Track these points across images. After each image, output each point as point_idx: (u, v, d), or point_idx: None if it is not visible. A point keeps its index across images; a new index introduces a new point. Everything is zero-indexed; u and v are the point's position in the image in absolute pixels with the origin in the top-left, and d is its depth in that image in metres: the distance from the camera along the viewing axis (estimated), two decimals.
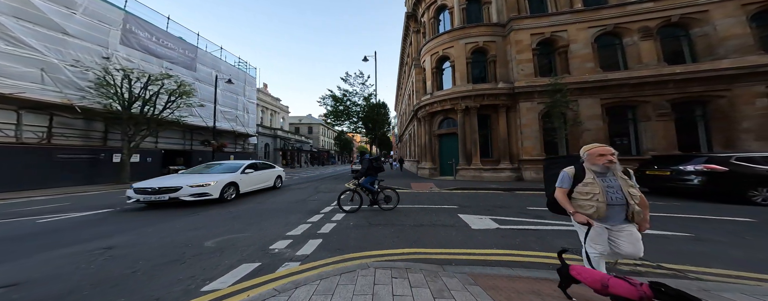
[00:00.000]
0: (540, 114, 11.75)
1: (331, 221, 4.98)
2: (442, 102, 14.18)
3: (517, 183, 10.80)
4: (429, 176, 14.78)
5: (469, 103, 13.07)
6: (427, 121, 15.60)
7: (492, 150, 13.21)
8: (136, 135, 11.74)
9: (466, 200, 7.55)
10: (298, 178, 16.09)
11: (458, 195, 8.48)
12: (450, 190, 9.82)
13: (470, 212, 5.86)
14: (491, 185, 10.45)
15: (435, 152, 15.38)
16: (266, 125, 33.81)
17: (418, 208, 6.44)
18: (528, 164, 11.77)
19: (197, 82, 16.61)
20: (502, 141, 12.61)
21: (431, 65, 15.81)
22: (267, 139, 31.37)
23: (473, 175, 12.56)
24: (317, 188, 10.83)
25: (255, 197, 8.43)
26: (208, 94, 16.34)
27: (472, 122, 13.12)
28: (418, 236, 4.06)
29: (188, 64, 15.92)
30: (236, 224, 4.82)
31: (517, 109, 12.38)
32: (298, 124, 52.92)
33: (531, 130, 11.83)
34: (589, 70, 11.60)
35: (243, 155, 22.05)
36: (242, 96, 22.21)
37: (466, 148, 13.28)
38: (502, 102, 12.62)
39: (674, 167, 6.91)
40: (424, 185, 10.86)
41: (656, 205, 6.27)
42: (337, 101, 15.98)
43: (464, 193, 8.94)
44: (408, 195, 8.60)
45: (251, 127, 23.26)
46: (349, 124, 17.70)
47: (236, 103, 21.12)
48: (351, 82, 16.03)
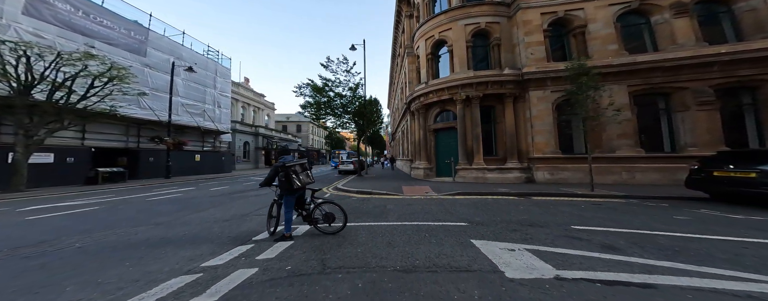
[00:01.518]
0: (554, 104, 9.84)
1: (254, 261, 2.80)
2: (439, 92, 12.16)
3: (531, 186, 8.83)
4: (424, 178, 12.71)
5: (470, 93, 11.08)
6: (421, 114, 13.54)
7: (496, 147, 11.25)
8: (40, 128, 9.14)
9: (476, 211, 5.48)
10: None
11: (463, 203, 6.42)
12: (451, 195, 7.76)
13: (489, 235, 3.78)
14: (499, 188, 8.44)
15: (430, 149, 13.33)
16: (248, 122, 31.18)
17: (409, 226, 4.33)
18: (541, 162, 9.82)
19: (148, 69, 14.08)
20: (509, 136, 10.65)
21: (426, 51, 13.79)
22: (247, 137, 28.78)
23: (475, 176, 10.55)
24: None
25: (179, 212, 6.15)
26: (163, 84, 13.85)
27: (474, 115, 11.13)
28: None
29: (135, 47, 13.39)
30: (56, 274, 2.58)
31: (527, 99, 10.46)
32: (286, 122, 50.30)
33: (543, 123, 9.90)
34: (612, 53, 9.77)
35: (212, 154, 19.48)
36: (212, 88, 19.69)
37: (466, 145, 11.27)
38: (508, 91, 10.67)
39: (762, 168, 5.01)
40: (418, 189, 8.78)
41: (734, 220, 4.34)
42: (317, 92, 13.62)
43: (470, 200, 6.89)
44: (398, 203, 6.48)
45: (224, 124, 20.74)
46: (335, 119, 15.39)
47: (204, 95, 18.60)
48: (333, 69, 13.75)
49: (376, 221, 4.81)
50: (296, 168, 3.52)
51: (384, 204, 6.51)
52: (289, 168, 3.43)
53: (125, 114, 12.32)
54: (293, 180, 3.41)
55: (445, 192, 8.11)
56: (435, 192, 8.30)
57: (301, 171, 3.58)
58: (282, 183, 3.52)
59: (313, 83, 13.70)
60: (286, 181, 3.44)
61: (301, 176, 3.55)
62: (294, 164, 3.52)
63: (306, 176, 3.67)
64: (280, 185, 3.59)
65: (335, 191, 9.29)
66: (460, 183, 10.31)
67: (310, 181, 3.74)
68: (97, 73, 9.56)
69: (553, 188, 8.33)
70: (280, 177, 3.52)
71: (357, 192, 8.69)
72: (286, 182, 3.44)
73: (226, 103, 21.54)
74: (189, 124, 16.73)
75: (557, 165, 9.50)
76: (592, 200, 6.61)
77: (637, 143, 9.05)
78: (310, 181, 3.76)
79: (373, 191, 8.54)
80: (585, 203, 6.13)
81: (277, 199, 3.84)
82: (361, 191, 8.64)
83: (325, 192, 8.95)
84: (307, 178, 3.70)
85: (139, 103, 13.33)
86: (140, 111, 13.28)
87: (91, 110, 9.98)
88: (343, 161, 21.49)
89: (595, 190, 7.27)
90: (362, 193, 8.56)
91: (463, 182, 10.49)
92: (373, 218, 5.00)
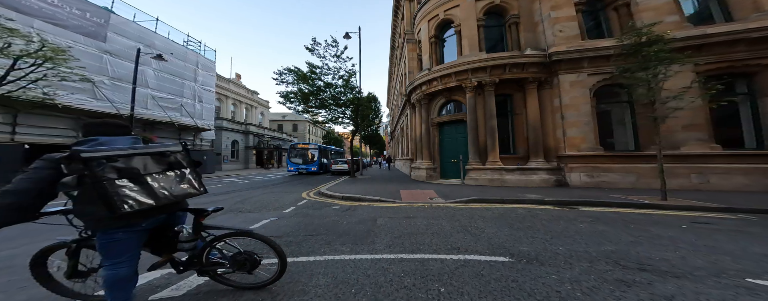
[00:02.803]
0: (592, 90, 7.92)
1: None
2: (445, 78, 10.27)
3: (565, 192, 6.90)
4: (426, 179, 10.81)
5: (483, 78, 9.19)
6: (423, 105, 11.66)
7: (515, 143, 9.34)
8: None
9: (512, 230, 3.58)
10: (243, 183, 11.81)
11: (485, 216, 4.51)
12: (464, 202, 5.86)
13: (578, 296, 1.87)
14: (526, 193, 6.54)
15: (434, 146, 11.43)
16: (239, 121, 29.34)
17: (409, 263, 2.45)
18: (575, 162, 7.89)
19: (108, 56, 12.18)
20: (531, 130, 8.73)
21: (429, 34, 11.95)
22: (236, 135, 26.89)
23: (490, 178, 8.64)
24: (232, 208, 6.57)
25: None
26: (128, 73, 11.99)
27: (488, 104, 9.23)
28: None
29: (91, 31, 11.51)
30: None
31: (556, 85, 8.54)
32: (282, 121, 48.50)
33: (578, 113, 7.98)
34: (672, 26, 7.79)
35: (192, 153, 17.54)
36: (192, 81, 17.82)
37: (478, 141, 9.37)
38: (531, 75, 8.77)
39: None
40: (420, 194, 6.89)
41: None
42: (303, 80, 11.74)
43: (493, 210, 4.97)
44: (393, 215, 4.58)
45: (206, 120, 18.86)
46: (326, 112, 13.46)
47: (182, 89, 16.72)
48: (320, 53, 11.87)
49: (355, 250, 2.93)
50: (131, 166, 1.42)
51: (374, 216, 4.62)
52: (96, 167, 1.28)
53: (71, 105, 10.41)
54: (115, 196, 1.29)
55: (456, 198, 6.21)
56: (442, 198, 6.40)
57: (153, 172, 1.52)
58: (81, 204, 1.38)
59: (298, 70, 11.68)
60: (97, 197, 1.28)
61: (158, 184, 1.50)
62: (115, 153, 1.38)
63: (172, 183, 1.59)
64: (78, 209, 1.41)
65: (316, 196, 7.39)
66: (472, 186, 8.41)
67: (188, 191, 1.66)
68: (26, 53, 7.69)
69: (598, 193, 6.40)
70: (69, 190, 1.32)
71: (343, 198, 6.80)
72: (96, 199, 1.29)
73: (210, 98, 19.67)
74: (161, 119, 14.83)
75: (598, 165, 7.57)
76: (679, 213, 4.66)
77: (710, 137, 6.96)
78: (192, 191, 1.69)
79: (363, 196, 6.66)
80: (680, 220, 4.15)
81: (82, 236, 1.72)
82: (348, 197, 6.74)
83: (303, 198, 7.06)
84: (180, 185, 1.63)
85: (94, 93, 11.46)
86: (95, 102, 11.40)
87: (17, 98, 8.10)
88: (310, 160, 18.16)
89: (668, 198, 5.30)
90: (349, 199, 6.67)
91: (476, 185, 8.59)
92: (351, 245, 3.11)
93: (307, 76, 11.49)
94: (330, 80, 12.01)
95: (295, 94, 11.81)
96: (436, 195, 6.92)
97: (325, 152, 20.73)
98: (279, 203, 6.16)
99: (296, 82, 11.52)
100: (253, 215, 4.85)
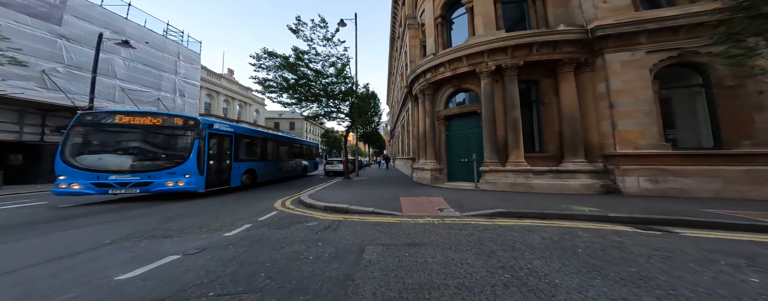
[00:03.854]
0: (653, 71, 6.21)
1: None
2: (455, 63, 8.63)
3: (625, 202, 5.23)
4: (431, 182, 9.17)
5: (503, 61, 7.54)
6: (427, 96, 10.02)
7: (543, 139, 7.66)
8: None
9: (608, 283, 1.88)
10: None
11: (533, 244, 2.84)
12: (488, 218, 4.22)
13: None
14: (569, 204, 4.91)
15: (440, 143, 9.78)
16: (232, 118, 27.74)
17: None
18: (630, 162, 6.13)
19: (64, 42, 10.56)
20: (566, 123, 7.02)
21: (433, 14, 10.35)
22: None
23: (512, 182, 6.97)
24: (151, 228, 4.87)
25: None
26: (89, 61, 10.36)
27: (510, 92, 7.56)
28: None
29: (41, 12, 9.86)
30: None
31: (600, 67, 6.79)
32: (278, 120, 46.93)
33: (635, 100, 6.23)
34: None
35: None
36: (172, 74, 16.23)
37: (496, 137, 7.72)
38: (566, 55, 7.06)
39: None
40: (425, 203, 5.26)
41: None
42: (287, 68, 9.85)
43: (538, 231, 3.31)
44: (389, 239, 2.91)
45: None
46: (318, 107, 11.81)
47: (159, 81, 15.11)
48: (306, 35, 9.71)
49: None
50: None
51: (361, 242, 2.99)
52: None
53: (6, 94, 8.77)
54: None
55: (474, 209, 4.58)
56: (455, 209, 4.78)
57: None
58: None
59: (281, 54, 9.85)
60: None
61: None
62: None
63: None
64: None
65: (293, 205, 5.74)
66: (489, 193, 6.77)
67: None
68: None
69: (678, 206, 4.74)
70: None
71: (325, 209, 5.17)
72: None
73: (193, 92, 18.08)
74: None
75: (665, 167, 5.83)
76: None
77: None
78: None
79: (352, 206, 5.02)
80: None
81: None
82: (333, 208, 5.11)
83: (274, 208, 5.42)
84: None
85: (44, 81, 9.84)
86: (46, 93, 9.79)
87: None
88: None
89: None
90: (333, 210, 5.04)
91: (493, 191, 6.94)
92: None
93: (291, 63, 9.78)
94: (319, 68, 10.33)
95: (277, 83, 10.08)
96: (447, 204, 5.29)
97: (219, 139, 8.22)
98: (230, 219, 4.45)
99: (278, 68, 9.79)
100: (166, 244, 3.09)
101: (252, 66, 9.81)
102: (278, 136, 12.98)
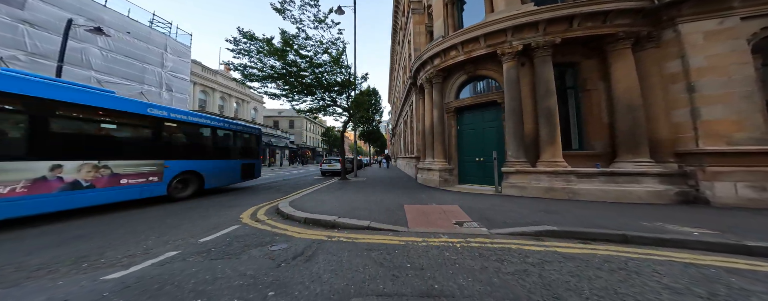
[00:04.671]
0: (751, 42, 4.75)
1: None
2: (469, 45, 7.27)
3: (722, 216, 3.87)
4: (439, 185, 7.83)
5: (533, 39, 6.15)
6: (435, 86, 8.67)
7: (586, 134, 6.22)
8: None
9: None
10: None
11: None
12: (536, 238, 2.84)
13: None
14: (661, 223, 3.56)
15: (450, 139, 8.43)
16: (228, 116, 26.67)
17: None
18: (721, 162, 4.63)
19: (26, 27, 9.37)
20: (623, 112, 5.54)
21: None
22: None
23: (547, 186, 5.57)
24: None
25: None
26: (58, 49, 9.19)
27: (542, 76, 6.14)
28: None
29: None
30: None
31: (672, 42, 5.20)
32: (278, 118, 45.85)
33: (727, 80, 4.74)
34: None
35: None
36: (158, 67, 15.06)
37: (523, 131, 6.33)
38: (622, 29, 5.55)
39: None
40: (437, 213, 3.93)
41: None
42: (273, 54, 8.34)
43: (637, 269, 1.95)
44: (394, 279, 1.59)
45: None
46: (312, 100, 10.50)
47: (142, 74, 13.94)
48: (295, 15, 8.24)
49: None
50: None
51: (347, 289, 1.66)
52: None
53: None
54: None
55: (509, 225, 3.24)
56: (479, 222, 3.44)
57: None
58: None
59: (261, 38, 8.37)
60: None
61: None
62: None
63: None
64: None
65: (266, 216, 4.43)
66: (516, 199, 5.41)
67: None
68: None
69: None
70: None
71: (306, 222, 3.86)
72: None
73: (183, 87, 16.90)
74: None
75: (763, 168, 4.36)
76: None
77: None
78: None
79: (341, 218, 3.71)
80: None
81: None
82: (315, 221, 3.80)
83: (238, 221, 4.12)
84: None
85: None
86: None
87: None
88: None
89: None
90: (315, 224, 3.74)
91: (521, 197, 5.58)
92: None
93: (277, 48, 8.43)
94: (311, 55, 9.00)
95: (260, 71, 8.72)
96: (467, 215, 3.95)
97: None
98: (154, 240, 3.14)
99: (263, 54, 8.42)
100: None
101: (230, 52, 8.51)
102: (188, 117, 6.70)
